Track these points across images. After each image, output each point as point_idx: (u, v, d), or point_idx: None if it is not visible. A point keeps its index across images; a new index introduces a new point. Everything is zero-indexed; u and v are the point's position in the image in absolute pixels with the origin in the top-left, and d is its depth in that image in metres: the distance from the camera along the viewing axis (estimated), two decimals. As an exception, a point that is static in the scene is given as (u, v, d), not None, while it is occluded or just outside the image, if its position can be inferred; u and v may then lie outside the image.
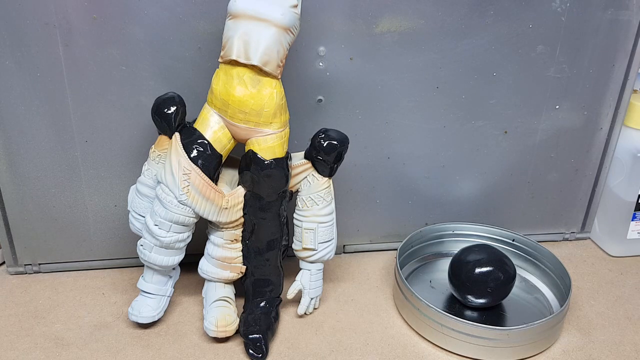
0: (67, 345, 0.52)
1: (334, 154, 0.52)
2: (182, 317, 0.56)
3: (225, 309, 0.53)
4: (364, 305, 0.59)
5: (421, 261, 0.66)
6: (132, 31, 0.53)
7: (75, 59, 0.53)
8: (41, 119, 0.55)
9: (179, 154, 0.49)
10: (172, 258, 0.52)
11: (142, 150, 0.57)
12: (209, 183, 0.50)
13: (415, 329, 0.55)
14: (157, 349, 0.52)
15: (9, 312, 0.56)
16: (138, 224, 0.54)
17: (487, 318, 0.57)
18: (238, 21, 0.47)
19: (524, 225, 0.71)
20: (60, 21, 0.51)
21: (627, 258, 0.70)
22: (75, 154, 0.57)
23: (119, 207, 0.61)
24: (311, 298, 0.56)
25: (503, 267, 0.55)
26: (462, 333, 0.51)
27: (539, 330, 0.51)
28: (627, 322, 0.58)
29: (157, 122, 0.52)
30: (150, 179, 0.53)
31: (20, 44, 0.52)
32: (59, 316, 0.56)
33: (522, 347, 0.52)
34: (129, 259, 0.63)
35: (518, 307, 0.59)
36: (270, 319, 0.53)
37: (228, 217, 0.52)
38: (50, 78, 0.54)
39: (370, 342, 0.54)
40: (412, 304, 0.55)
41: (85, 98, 0.55)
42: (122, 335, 0.54)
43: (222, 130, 0.50)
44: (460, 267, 0.56)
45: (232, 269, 0.54)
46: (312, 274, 0.56)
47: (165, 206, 0.50)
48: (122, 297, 0.59)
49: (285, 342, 0.54)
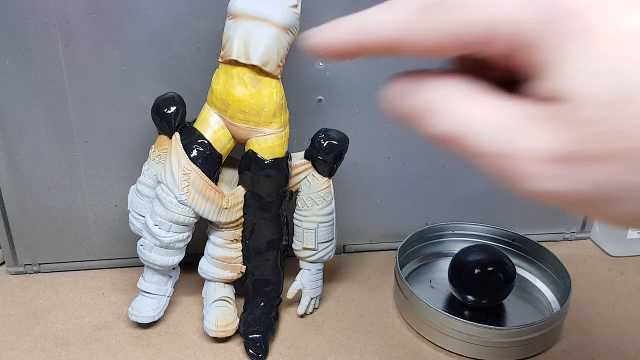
0: (67, 345, 0.52)
1: (334, 154, 0.52)
2: (182, 317, 0.56)
3: (225, 309, 0.53)
4: (364, 305, 0.59)
5: (421, 261, 0.66)
6: (132, 31, 0.53)
7: (75, 59, 0.53)
8: (41, 119, 0.55)
9: (179, 153, 0.49)
10: (172, 258, 0.52)
11: (142, 150, 0.57)
12: (209, 183, 0.50)
13: (415, 329, 0.55)
14: (157, 349, 0.52)
15: (9, 312, 0.56)
16: (138, 223, 0.54)
17: (487, 318, 0.57)
18: (238, 21, 0.47)
19: (524, 225, 0.71)
20: (60, 21, 0.51)
21: (627, 258, 0.70)
22: (75, 154, 0.57)
23: (119, 207, 0.61)
24: (311, 298, 0.56)
25: (503, 267, 0.55)
26: (462, 333, 0.51)
27: (539, 330, 0.51)
28: (627, 322, 0.58)
29: (157, 122, 0.52)
30: (150, 178, 0.53)
31: (20, 44, 0.52)
32: (59, 316, 0.56)
33: (522, 347, 0.52)
34: (129, 259, 0.63)
35: (518, 307, 0.59)
36: (270, 318, 0.53)
37: (228, 217, 0.52)
38: (50, 78, 0.54)
39: (370, 342, 0.54)
40: (412, 303, 0.55)
41: (85, 98, 0.55)
42: (122, 335, 0.54)
43: (222, 130, 0.50)
44: (460, 267, 0.56)
45: (232, 269, 0.54)
46: (312, 273, 0.56)
47: (165, 206, 0.50)
48: (122, 297, 0.59)
49: (285, 342, 0.54)
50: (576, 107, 0.17)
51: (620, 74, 0.17)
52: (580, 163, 0.18)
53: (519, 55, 0.19)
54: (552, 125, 0.18)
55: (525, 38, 0.18)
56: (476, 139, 0.19)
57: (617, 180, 0.18)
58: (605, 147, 0.17)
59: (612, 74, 0.17)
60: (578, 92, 0.17)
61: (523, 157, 0.18)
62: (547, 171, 0.18)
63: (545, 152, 0.18)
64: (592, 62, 0.17)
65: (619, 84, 0.17)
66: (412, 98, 0.21)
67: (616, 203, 0.18)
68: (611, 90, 0.17)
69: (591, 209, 0.19)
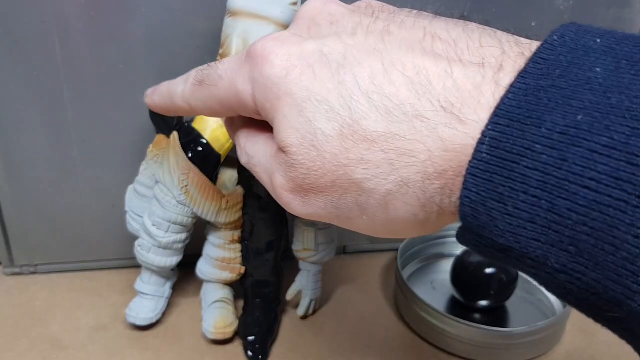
0: (64, 347, 0.52)
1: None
2: (180, 319, 0.56)
3: (224, 311, 0.53)
4: (365, 306, 0.59)
5: (422, 262, 0.65)
6: (130, 29, 0.52)
7: (72, 57, 0.53)
8: (38, 118, 0.55)
9: (178, 153, 0.49)
10: (170, 259, 0.52)
11: (140, 150, 0.57)
12: (208, 183, 0.49)
13: (416, 330, 0.55)
14: (155, 351, 0.52)
15: (6, 314, 0.56)
16: (136, 224, 0.54)
17: (490, 320, 0.56)
18: (237, 19, 0.46)
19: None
20: (57, 19, 0.51)
21: (630, 259, 0.69)
22: (73, 154, 0.57)
23: (117, 207, 0.60)
24: (311, 299, 0.56)
25: (505, 269, 0.55)
26: (464, 335, 0.51)
27: (542, 332, 0.51)
28: (631, 324, 0.57)
29: (155, 121, 0.51)
30: (148, 179, 0.53)
31: (16, 42, 0.51)
32: (56, 318, 0.56)
33: (525, 348, 0.52)
34: (126, 260, 0.62)
35: (520, 308, 0.58)
36: (269, 320, 0.53)
37: (227, 217, 0.51)
38: (47, 76, 0.53)
39: (371, 344, 0.54)
40: (413, 305, 0.54)
41: (83, 97, 0.54)
42: (119, 337, 0.53)
43: (220, 130, 0.50)
44: (462, 269, 0.56)
45: (231, 270, 0.53)
46: (312, 275, 0.55)
47: (164, 206, 0.49)
48: (119, 298, 0.58)
49: (284, 343, 0.53)
50: (288, 154, 0.23)
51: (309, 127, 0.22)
52: (305, 193, 0.24)
53: (262, 116, 0.25)
54: (282, 167, 0.24)
55: (259, 104, 0.24)
56: (258, 171, 0.27)
57: (334, 203, 0.23)
58: (313, 181, 0.23)
59: (305, 128, 0.22)
60: (287, 143, 0.23)
61: (277, 189, 0.25)
62: (292, 199, 0.24)
63: (284, 186, 0.24)
64: (292, 120, 0.23)
65: (309, 134, 0.22)
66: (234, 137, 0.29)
67: (351, 218, 0.24)
68: (306, 141, 0.22)
69: (341, 223, 0.25)
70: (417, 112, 0.20)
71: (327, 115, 0.22)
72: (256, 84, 0.24)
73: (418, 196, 0.21)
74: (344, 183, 0.22)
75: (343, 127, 0.21)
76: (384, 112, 0.21)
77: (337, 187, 0.22)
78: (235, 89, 0.25)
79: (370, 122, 0.21)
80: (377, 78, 0.21)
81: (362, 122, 0.21)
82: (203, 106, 0.28)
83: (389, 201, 0.22)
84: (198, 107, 0.28)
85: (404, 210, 0.22)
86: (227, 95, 0.25)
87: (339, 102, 0.21)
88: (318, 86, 0.22)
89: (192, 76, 0.28)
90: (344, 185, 0.22)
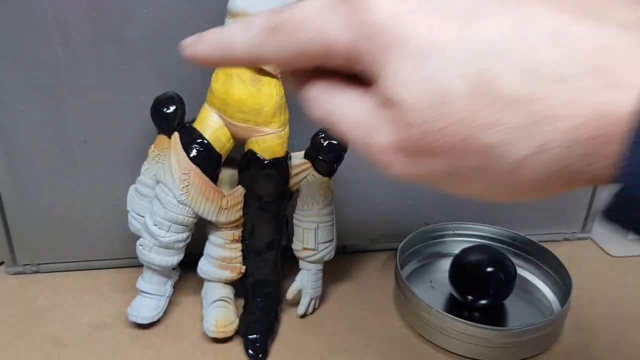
0: (65, 345, 0.52)
1: (334, 154, 0.52)
2: (181, 318, 0.56)
3: (225, 310, 0.53)
4: (364, 305, 0.59)
5: (422, 261, 0.66)
6: (131, 30, 0.52)
7: (73, 58, 0.53)
8: (39, 118, 0.55)
9: (179, 153, 0.49)
10: (171, 258, 0.52)
11: (141, 150, 0.57)
12: (209, 183, 0.50)
13: (415, 329, 0.55)
14: (156, 350, 0.52)
15: (8, 313, 0.56)
16: (137, 223, 0.54)
17: (488, 318, 0.57)
18: (238, 20, 0.47)
19: (525, 225, 0.70)
20: (58, 19, 0.51)
21: (628, 258, 0.70)
22: (74, 154, 0.57)
23: (118, 206, 0.60)
24: (311, 298, 0.56)
25: (504, 267, 0.55)
26: (463, 333, 0.51)
27: (540, 331, 0.51)
28: (629, 323, 0.58)
29: (156, 121, 0.51)
30: (150, 178, 0.53)
31: (17, 43, 0.52)
32: (58, 316, 0.56)
33: (523, 347, 0.52)
34: (128, 259, 0.63)
35: (519, 307, 0.59)
36: (270, 319, 0.53)
37: (227, 217, 0.51)
38: (48, 77, 0.53)
39: (371, 343, 0.54)
40: (412, 304, 0.55)
41: (84, 97, 0.55)
42: (121, 336, 0.53)
43: (221, 130, 0.50)
44: (461, 268, 0.56)
45: (231, 269, 0.54)
46: (312, 274, 0.56)
47: (165, 206, 0.50)
48: (121, 297, 0.58)
49: (285, 342, 0.53)
50: (402, 111, 0.20)
51: (432, 82, 0.20)
52: (416, 155, 0.21)
53: (355, 67, 0.22)
54: (389, 125, 0.21)
55: (354, 54, 0.21)
56: (343, 128, 0.23)
57: (451, 166, 0.21)
58: (431, 143, 0.20)
59: (426, 83, 0.20)
60: (401, 98, 0.20)
61: (376, 148, 0.22)
62: (396, 160, 0.22)
63: (389, 145, 0.22)
64: (408, 73, 0.20)
65: (433, 90, 0.20)
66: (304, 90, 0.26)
67: (465, 182, 0.22)
68: (427, 97, 0.20)
69: (449, 187, 0.22)
70: (558, 73, 0.18)
71: (455, 72, 0.19)
72: (356, 31, 0.21)
73: (556, 162, 0.19)
74: (469, 146, 0.20)
75: (473, 85, 0.19)
76: (520, 71, 0.19)
77: (459, 150, 0.20)
78: (322, 36, 0.22)
79: (505, 82, 0.19)
80: (512, 33, 0.19)
81: (496, 82, 0.19)
82: (274, 56, 0.24)
83: (521, 167, 0.20)
84: (266, 56, 0.24)
85: (535, 176, 0.20)
86: (311, 43, 0.22)
87: (467, 57, 0.19)
88: (442, 37, 0.19)
89: (260, 22, 0.24)
90: (469, 148, 0.20)
